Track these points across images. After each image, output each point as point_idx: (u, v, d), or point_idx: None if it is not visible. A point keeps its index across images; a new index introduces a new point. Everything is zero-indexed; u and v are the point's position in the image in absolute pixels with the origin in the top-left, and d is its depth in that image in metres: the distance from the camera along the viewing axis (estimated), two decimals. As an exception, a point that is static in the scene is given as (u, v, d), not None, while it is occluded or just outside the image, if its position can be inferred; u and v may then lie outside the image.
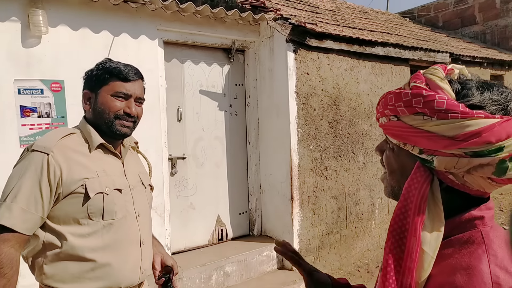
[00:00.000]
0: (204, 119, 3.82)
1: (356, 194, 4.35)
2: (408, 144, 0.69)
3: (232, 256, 3.52)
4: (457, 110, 0.61)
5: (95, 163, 1.32)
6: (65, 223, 1.25)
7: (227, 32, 3.77)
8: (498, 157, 0.60)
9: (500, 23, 8.87)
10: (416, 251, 0.65)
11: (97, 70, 1.36)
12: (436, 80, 0.66)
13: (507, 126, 0.60)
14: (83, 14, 2.97)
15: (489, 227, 0.67)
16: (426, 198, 0.66)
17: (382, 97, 0.74)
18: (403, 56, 4.83)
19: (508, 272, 0.60)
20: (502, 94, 0.64)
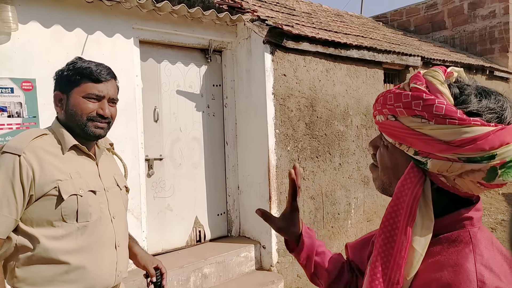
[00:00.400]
0: (182, 120, 3.78)
1: (332, 194, 4.41)
2: (404, 145, 0.70)
3: (210, 258, 3.50)
4: (455, 117, 0.62)
5: (68, 164, 1.29)
6: (38, 226, 1.23)
7: (204, 32, 3.76)
8: (490, 164, 0.62)
9: (468, 29, 9.23)
10: (406, 248, 0.67)
11: (68, 71, 1.32)
12: (436, 83, 0.67)
13: (501, 134, 0.62)
14: (56, 11, 2.88)
15: (477, 228, 0.70)
16: (418, 199, 0.68)
17: (381, 95, 0.75)
18: (376, 59, 4.95)
19: (493, 271, 0.62)
20: (498, 102, 0.65)
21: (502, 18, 8.63)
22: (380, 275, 0.69)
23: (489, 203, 6.79)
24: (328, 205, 4.35)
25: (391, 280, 0.68)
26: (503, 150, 0.62)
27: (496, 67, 8.02)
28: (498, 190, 7.58)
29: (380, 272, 0.69)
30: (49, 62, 2.85)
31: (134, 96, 3.29)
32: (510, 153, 0.62)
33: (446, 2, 9.53)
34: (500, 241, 2.78)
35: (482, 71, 7.58)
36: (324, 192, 4.32)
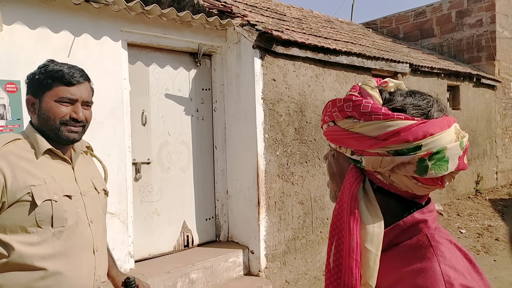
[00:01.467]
0: (170, 124, 3.75)
1: (321, 199, 4.41)
2: (343, 147, 0.74)
3: (198, 263, 3.46)
4: (380, 112, 0.67)
5: (42, 169, 1.26)
6: (12, 232, 1.20)
7: (194, 36, 3.75)
8: (417, 155, 0.65)
9: (456, 37, 9.38)
10: (355, 250, 0.67)
11: (39, 74, 1.29)
12: (367, 88, 0.73)
13: (424, 126, 0.65)
14: (42, 12, 2.85)
15: (433, 229, 0.71)
16: (356, 196, 0.69)
17: (325, 106, 0.80)
18: (366, 66, 4.99)
19: (457, 270, 0.64)
20: (424, 100, 0.70)
21: (489, 26, 8.80)
22: (332, 279, 0.69)
23: (476, 208, 6.86)
24: (317, 210, 4.35)
25: (346, 284, 0.67)
26: (428, 141, 0.65)
27: (483, 74, 8.16)
28: (485, 196, 7.67)
29: (333, 276, 0.69)
30: (34, 64, 2.79)
31: (122, 99, 3.26)
32: (436, 144, 0.65)
33: (434, 10, 9.69)
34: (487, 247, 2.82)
35: (469, 79, 7.69)
36: (313, 197, 4.32)
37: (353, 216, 0.68)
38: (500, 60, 8.89)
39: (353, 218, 0.68)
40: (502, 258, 4.66)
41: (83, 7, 3.00)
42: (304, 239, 4.19)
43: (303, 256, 4.16)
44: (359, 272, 0.67)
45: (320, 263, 4.33)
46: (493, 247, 5.03)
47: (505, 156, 9.05)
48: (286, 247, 3.99)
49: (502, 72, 8.98)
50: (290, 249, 4.03)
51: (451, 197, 7.18)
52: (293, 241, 4.07)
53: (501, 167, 8.85)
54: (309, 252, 4.23)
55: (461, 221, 6.12)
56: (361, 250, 0.67)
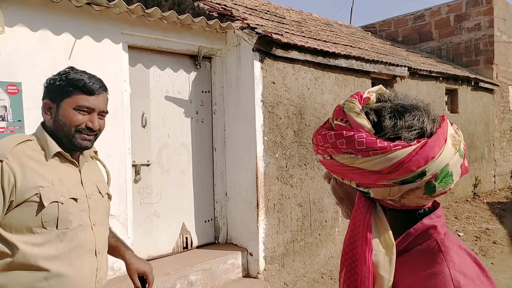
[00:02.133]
0: (170, 126, 3.77)
1: (320, 202, 4.43)
2: (346, 179, 0.72)
3: (197, 265, 3.47)
4: (376, 147, 0.65)
5: (51, 171, 1.29)
6: (17, 232, 1.22)
7: (194, 39, 3.77)
8: (423, 180, 0.65)
9: (454, 40, 9.43)
10: (369, 279, 0.67)
11: (60, 81, 1.32)
12: (353, 116, 0.69)
13: (424, 151, 0.64)
14: (43, 15, 2.87)
15: (443, 235, 0.71)
16: (370, 227, 0.69)
17: (313, 136, 0.78)
18: (364, 69, 5.02)
19: (467, 276, 0.64)
20: (415, 118, 0.67)
21: (487, 30, 8.85)
22: None
23: (473, 211, 6.89)
24: (315, 212, 4.37)
25: None
26: (431, 165, 0.64)
27: (481, 78, 8.20)
28: (483, 199, 7.70)
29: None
30: (35, 66, 2.82)
31: (122, 101, 3.28)
32: (439, 165, 0.64)
33: (433, 14, 9.74)
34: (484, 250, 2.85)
35: (467, 82, 7.73)
36: (312, 199, 4.33)
37: (368, 247, 0.68)
38: (498, 64, 8.94)
39: (368, 249, 0.68)
40: (500, 261, 4.69)
41: (84, 9, 3.02)
42: (303, 242, 4.20)
43: (301, 259, 4.17)
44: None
45: (319, 266, 4.34)
46: (491, 250, 5.05)
47: (503, 160, 9.09)
48: (284, 249, 4.00)
49: (500, 76, 9.03)
50: (288, 251, 4.04)
51: (449, 200, 7.21)
52: (292, 243, 4.09)
53: (499, 171, 8.88)
54: (308, 254, 4.24)
55: (459, 224, 6.15)
56: (375, 277, 0.68)
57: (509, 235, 5.67)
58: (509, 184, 9.29)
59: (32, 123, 2.79)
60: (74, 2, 2.89)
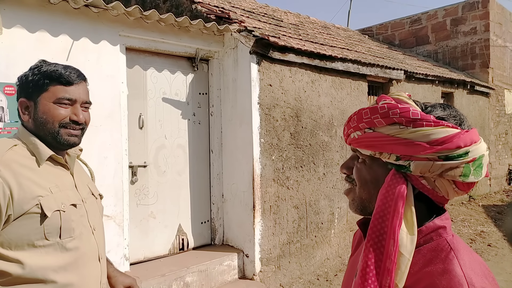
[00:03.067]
0: (167, 127, 3.78)
1: (316, 204, 4.45)
2: (385, 153, 0.75)
3: (193, 266, 3.48)
4: (430, 120, 0.71)
5: (46, 178, 1.19)
6: (18, 247, 1.12)
7: (192, 41, 3.79)
8: (464, 160, 0.70)
9: (450, 44, 9.50)
10: (395, 253, 0.69)
11: (33, 75, 1.21)
12: (404, 98, 0.76)
13: (469, 135, 0.70)
14: (41, 16, 2.88)
15: (451, 236, 0.75)
16: (404, 202, 0.71)
17: (354, 114, 0.81)
18: (361, 72, 5.05)
19: (477, 274, 0.68)
20: (457, 112, 0.76)
21: (483, 35, 8.92)
22: (371, 281, 0.71)
23: (469, 214, 6.93)
24: (312, 214, 4.39)
25: (382, 285, 0.70)
26: (473, 148, 0.70)
27: (477, 82, 8.26)
28: (478, 202, 7.74)
29: (372, 278, 0.71)
30: (33, 67, 2.83)
31: (119, 103, 3.29)
32: (478, 151, 0.71)
33: (429, 18, 9.81)
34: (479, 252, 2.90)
35: (463, 86, 7.79)
36: (308, 201, 4.35)
37: (398, 221, 0.70)
38: (493, 68, 9.01)
39: (398, 223, 0.70)
40: (494, 263, 4.72)
41: (82, 11, 3.04)
42: (299, 243, 4.22)
43: (297, 260, 4.18)
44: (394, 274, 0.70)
45: (314, 267, 4.36)
46: (486, 252, 5.09)
47: (499, 163, 9.15)
48: (280, 251, 4.02)
49: (496, 80, 9.10)
50: (284, 253, 4.06)
51: (444, 203, 7.24)
52: (288, 245, 4.10)
53: (494, 174, 8.94)
54: (304, 256, 4.26)
55: (455, 227, 6.18)
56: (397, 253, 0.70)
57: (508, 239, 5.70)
58: (504, 187, 9.34)
59: (29, 124, 2.79)
60: (72, 4, 2.90)
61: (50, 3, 2.83)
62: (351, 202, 0.85)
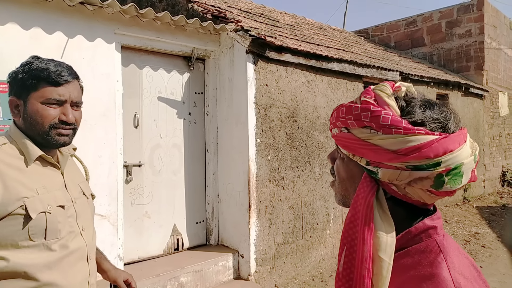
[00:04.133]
0: (162, 127, 3.76)
1: (312, 204, 4.44)
2: (357, 156, 0.73)
3: (188, 266, 3.46)
4: (400, 126, 0.66)
5: (33, 178, 1.18)
6: (1, 246, 1.11)
7: (188, 40, 3.77)
8: (436, 171, 0.65)
9: (446, 46, 9.55)
10: (368, 259, 0.67)
11: (23, 73, 1.17)
12: (384, 96, 0.71)
13: (444, 143, 0.65)
14: (35, 13, 2.85)
15: (442, 236, 0.72)
16: (372, 206, 0.69)
17: (335, 109, 0.78)
18: (357, 73, 5.06)
19: (466, 277, 0.65)
20: (442, 113, 0.69)
21: (478, 37, 8.98)
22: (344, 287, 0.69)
23: (463, 215, 6.96)
24: (307, 215, 4.38)
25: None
26: (448, 158, 0.65)
27: (472, 84, 8.31)
28: (472, 203, 7.79)
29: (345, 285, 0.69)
30: (27, 64, 2.80)
31: (114, 101, 3.26)
32: (454, 160, 0.65)
33: (425, 20, 9.86)
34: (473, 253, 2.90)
35: (458, 88, 7.83)
36: (304, 202, 4.35)
37: (367, 226, 0.68)
38: (488, 70, 9.07)
39: (367, 228, 0.68)
40: (488, 264, 4.74)
41: (77, 9, 3.01)
42: (294, 244, 4.21)
43: (292, 261, 4.17)
44: (370, 281, 0.67)
45: (310, 268, 4.35)
46: (480, 253, 5.11)
47: (493, 165, 9.20)
48: (276, 252, 4.00)
49: (490, 82, 9.16)
50: (280, 253, 4.05)
51: (439, 204, 7.27)
52: (283, 245, 4.09)
53: (488, 175, 8.99)
54: (299, 256, 4.25)
55: (449, 228, 6.20)
56: (373, 259, 0.67)
57: (502, 240, 5.73)
58: (498, 189, 9.40)
59: (23, 122, 2.76)
60: (67, 1, 2.87)
61: (45, 0, 2.81)
62: (335, 195, 0.85)
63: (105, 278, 1.53)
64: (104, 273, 1.51)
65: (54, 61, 1.23)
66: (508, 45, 10.22)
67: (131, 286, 1.51)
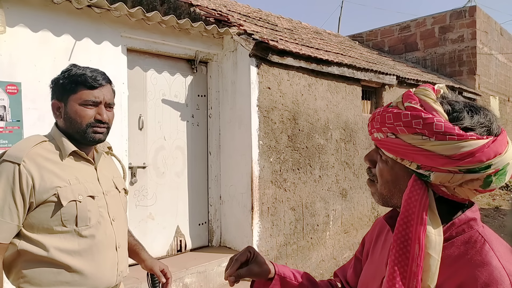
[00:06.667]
0: (166, 129, 3.79)
1: (312, 206, 4.50)
2: (406, 160, 0.75)
3: (192, 267, 3.48)
4: (454, 133, 0.68)
5: (67, 171, 1.32)
6: (40, 231, 1.26)
7: (191, 44, 3.81)
8: (486, 173, 0.69)
9: (439, 51, 9.72)
10: (421, 257, 0.71)
11: (63, 79, 1.35)
12: (430, 102, 0.73)
13: (494, 146, 0.69)
14: (44, 16, 2.87)
15: (482, 227, 0.77)
16: (426, 208, 0.73)
17: (377, 114, 0.79)
18: (355, 77, 5.15)
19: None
20: (486, 116, 0.72)
21: (470, 42, 9.16)
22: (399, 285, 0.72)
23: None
24: (308, 216, 4.44)
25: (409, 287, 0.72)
26: (497, 160, 0.69)
27: (465, 88, 8.48)
28: (466, 205, 7.91)
29: (399, 282, 0.73)
30: (35, 67, 2.82)
31: (120, 104, 3.29)
32: (503, 162, 0.70)
33: (418, 25, 10.03)
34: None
35: (452, 91, 7.97)
36: (304, 203, 4.40)
37: (422, 227, 0.72)
38: (480, 75, 9.26)
39: (422, 228, 0.72)
40: (484, 264, 4.83)
41: (85, 11, 3.04)
42: (295, 245, 4.26)
43: (294, 262, 4.22)
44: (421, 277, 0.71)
45: (310, 269, 4.40)
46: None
47: (485, 167, 9.36)
48: (277, 253, 4.05)
49: (482, 87, 9.35)
50: (281, 254, 4.09)
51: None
52: (285, 246, 4.14)
53: (481, 178, 9.14)
54: (300, 257, 4.30)
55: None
56: (424, 256, 0.71)
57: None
58: (490, 191, 9.55)
59: (31, 123, 2.78)
60: (75, 4, 2.91)
61: (53, 2, 2.83)
62: (373, 194, 0.87)
63: (142, 267, 1.64)
64: (142, 262, 1.63)
65: (90, 68, 1.39)
66: (499, 51, 10.45)
67: (167, 276, 1.61)
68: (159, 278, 1.59)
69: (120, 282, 1.47)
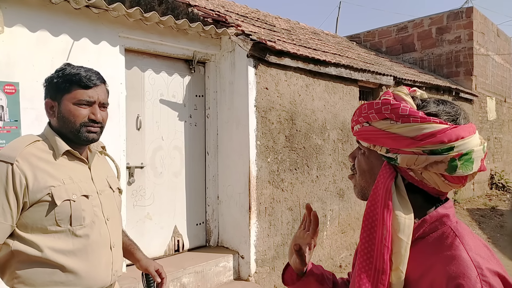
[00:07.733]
0: (164, 129, 3.80)
1: (309, 205, 4.51)
2: (377, 145, 0.82)
3: (189, 267, 3.49)
4: (417, 116, 0.76)
5: (61, 170, 1.31)
6: (33, 231, 1.25)
7: (189, 44, 3.82)
8: (449, 155, 0.74)
9: (436, 52, 9.76)
10: (388, 238, 0.75)
11: (57, 78, 1.34)
12: (401, 94, 0.82)
13: (456, 130, 0.74)
14: (42, 16, 2.88)
15: (455, 222, 0.80)
16: (390, 190, 0.78)
17: (358, 108, 0.88)
18: (353, 77, 5.17)
19: (482, 257, 0.73)
20: (453, 108, 0.79)
21: (467, 43, 9.21)
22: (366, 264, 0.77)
23: (454, 217, 7.10)
24: (305, 216, 4.44)
25: (377, 268, 0.76)
26: (460, 143, 0.74)
27: (462, 89, 8.51)
28: (463, 205, 7.96)
29: (366, 261, 0.77)
30: (33, 67, 2.82)
31: (118, 104, 3.29)
32: (466, 146, 0.74)
33: (416, 26, 10.07)
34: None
35: (448, 92, 8.01)
36: (302, 203, 4.41)
37: (386, 208, 0.76)
38: (477, 76, 9.30)
39: (386, 210, 0.76)
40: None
41: (83, 12, 3.04)
42: (293, 245, 4.26)
43: (291, 262, 4.23)
44: (390, 258, 0.75)
45: (308, 269, 4.41)
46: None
47: (481, 168, 9.40)
48: (275, 252, 4.06)
49: (479, 87, 9.40)
50: (279, 254, 4.10)
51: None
52: (282, 246, 4.15)
53: (477, 178, 9.20)
54: (297, 257, 4.31)
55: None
56: (393, 239, 0.76)
57: (492, 241, 5.88)
58: (486, 191, 9.62)
59: (29, 123, 2.78)
60: (73, 4, 2.91)
61: (52, 3, 2.84)
62: (354, 188, 0.94)
63: (137, 267, 1.64)
64: (137, 262, 1.63)
65: (84, 68, 1.38)
66: (495, 51, 10.50)
67: (161, 276, 1.61)
68: (154, 278, 1.60)
69: (115, 281, 1.46)
